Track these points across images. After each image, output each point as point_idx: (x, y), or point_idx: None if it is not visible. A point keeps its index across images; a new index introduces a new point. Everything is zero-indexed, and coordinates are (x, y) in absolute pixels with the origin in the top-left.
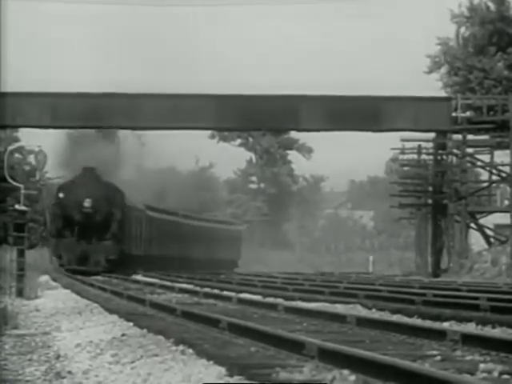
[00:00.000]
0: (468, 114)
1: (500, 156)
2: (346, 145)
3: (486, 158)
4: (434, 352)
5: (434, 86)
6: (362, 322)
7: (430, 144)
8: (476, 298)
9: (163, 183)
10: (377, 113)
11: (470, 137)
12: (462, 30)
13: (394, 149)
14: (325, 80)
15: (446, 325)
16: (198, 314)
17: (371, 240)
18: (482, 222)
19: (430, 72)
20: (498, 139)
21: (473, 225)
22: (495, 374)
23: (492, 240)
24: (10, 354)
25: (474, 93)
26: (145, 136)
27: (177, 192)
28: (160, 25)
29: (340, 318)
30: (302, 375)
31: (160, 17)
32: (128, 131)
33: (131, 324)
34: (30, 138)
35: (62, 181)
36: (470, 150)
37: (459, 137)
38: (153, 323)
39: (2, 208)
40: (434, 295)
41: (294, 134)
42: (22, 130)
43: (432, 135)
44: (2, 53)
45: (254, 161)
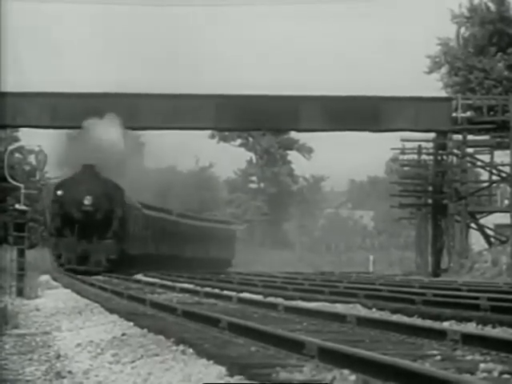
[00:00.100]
0: (468, 114)
1: (500, 156)
2: (346, 145)
3: (486, 158)
4: (434, 352)
5: (434, 86)
6: (362, 321)
7: (431, 144)
8: (476, 298)
9: (163, 183)
10: (377, 113)
11: (470, 137)
12: (463, 30)
13: (394, 149)
14: (325, 80)
15: (446, 324)
16: (198, 313)
17: (371, 240)
18: (482, 221)
19: (430, 72)
20: (498, 139)
21: (473, 225)
22: (495, 374)
23: (492, 240)
24: (11, 354)
25: (475, 93)
26: (145, 136)
27: (177, 192)
28: (160, 25)
29: (340, 318)
30: (302, 375)
31: (160, 17)
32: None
33: (132, 324)
34: (30, 137)
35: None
36: (470, 150)
37: (459, 137)
38: (153, 323)
39: (3, 208)
40: (434, 295)
41: (294, 134)
42: (22, 129)
43: (432, 135)
44: (2, 53)
45: (254, 161)
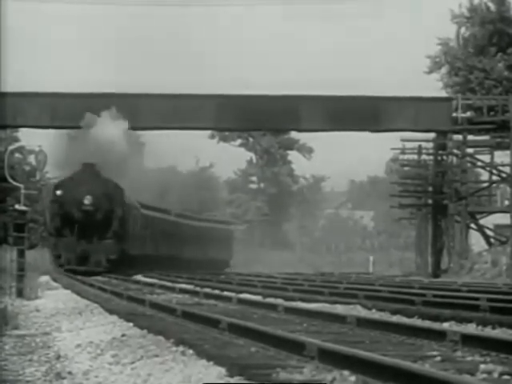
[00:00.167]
0: (468, 114)
1: (500, 156)
2: (346, 145)
3: (486, 158)
4: (434, 353)
5: (434, 86)
6: (362, 322)
7: (431, 144)
8: (476, 299)
9: (163, 183)
10: (377, 113)
11: (471, 137)
12: (463, 30)
13: (394, 149)
14: (325, 80)
15: (445, 325)
16: (198, 314)
17: (371, 240)
18: (482, 222)
19: (430, 72)
20: (498, 140)
21: (473, 225)
22: (495, 375)
23: (492, 240)
24: (11, 355)
25: (475, 93)
26: (145, 136)
27: (177, 192)
28: (160, 25)
29: (340, 319)
30: (302, 376)
31: (160, 17)
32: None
33: (131, 324)
34: (29, 137)
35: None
36: (470, 150)
37: (459, 137)
38: (153, 324)
39: (2, 208)
40: (434, 296)
41: (294, 134)
42: (21, 129)
43: (432, 135)
44: (2, 53)
45: (254, 161)
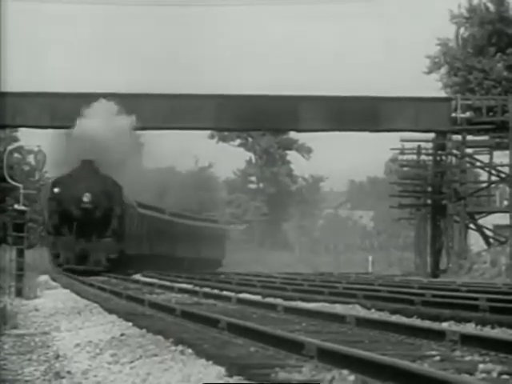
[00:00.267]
0: (468, 114)
1: (499, 157)
2: (345, 145)
3: (485, 158)
4: (433, 352)
5: (433, 86)
6: (362, 322)
7: (430, 144)
8: (475, 299)
9: (162, 183)
10: (376, 113)
11: (470, 137)
12: (462, 30)
13: (393, 149)
14: (325, 80)
15: (445, 325)
16: (197, 313)
17: (371, 240)
18: (481, 222)
19: (429, 72)
20: (498, 140)
21: (472, 225)
22: (494, 375)
23: (491, 240)
24: (10, 354)
25: (474, 93)
26: (144, 136)
27: (176, 192)
28: (160, 25)
29: (339, 318)
30: (302, 375)
31: (160, 17)
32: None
33: (130, 324)
34: (28, 137)
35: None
36: (469, 150)
37: (459, 137)
38: (152, 323)
39: (2, 208)
40: (433, 295)
41: (293, 134)
42: (21, 129)
43: (432, 136)
44: (2, 53)
45: (253, 161)
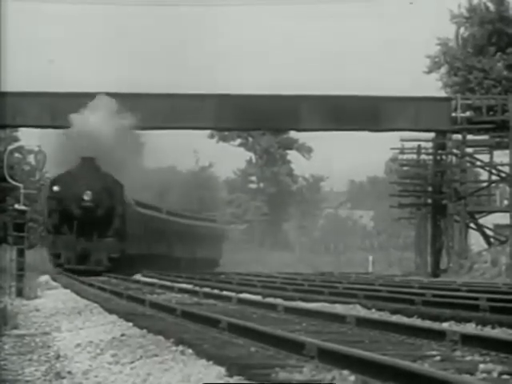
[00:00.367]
0: (468, 114)
1: (499, 156)
2: (345, 145)
3: (485, 157)
4: (434, 352)
5: (433, 86)
6: (362, 322)
7: (430, 144)
8: (476, 299)
9: (163, 183)
10: (377, 113)
11: (470, 137)
12: (462, 30)
13: (393, 149)
14: (325, 80)
15: (445, 325)
16: (197, 314)
17: (371, 240)
18: (481, 221)
19: (429, 72)
20: (498, 139)
21: (472, 225)
22: (495, 375)
23: (492, 240)
24: (10, 354)
25: (474, 93)
26: (145, 136)
27: (177, 191)
28: (160, 25)
29: (340, 318)
30: (302, 375)
31: (160, 17)
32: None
33: (131, 324)
34: (29, 137)
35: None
36: (469, 149)
37: (459, 137)
38: (152, 323)
39: (2, 208)
40: (434, 295)
41: (293, 133)
42: (21, 129)
43: (432, 135)
44: (2, 53)
45: (253, 161)
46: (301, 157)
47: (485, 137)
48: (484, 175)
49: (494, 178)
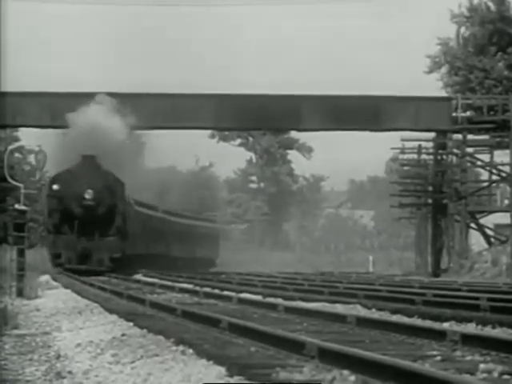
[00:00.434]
0: (468, 113)
1: (500, 156)
2: (346, 144)
3: (485, 157)
4: (434, 352)
5: (434, 85)
6: (362, 322)
7: (430, 144)
8: (476, 298)
9: (163, 182)
10: (377, 112)
11: (470, 136)
12: (462, 29)
13: (394, 148)
14: (325, 80)
15: (446, 325)
16: (198, 313)
17: (371, 240)
18: (482, 221)
19: (430, 72)
20: (498, 139)
21: (473, 225)
22: (495, 375)
23: (492, 240)
24: (11, 354)
25: (475, 93)
26: (145, 135)
27: (177, 191)
28: (160, 25)
29: (340, 318)
30: (302, 375)
31: (160, 17)
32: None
33: (131, 324)
34: (29, 137)
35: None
36: (470, 149)
37: (459, 136)
38: (153, 323)
39: (2, 207)
40: (434, 295)
41: (294, 133)
42: (21, 129)
43: (432, 135)
44: (1, 53)
45: (253, 160)
46: (301, 157)
47: (485, 137)
48: (484, 175)
49: (494, 177)
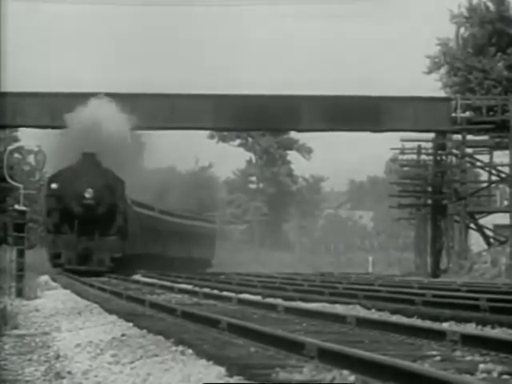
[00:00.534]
0: (468, 114)
1: (499, 156)
2: (345, 145)
3: (485, 158)
4: (434, 352)
5: (433, 86)
6: (362, 322)
7: (430, 144)
8: (476, 299)
9: (163, 183)
10: (377, 113)
11: (470, 137)
12: (462, 30)
13: (393, 149)
14: (325, 80)
15: (445, 325)
16: (197, 314)
17: (371, 240)
18: (481, 222)
19: (429, 72)
20: (498, 140)
21: (472, 225)
22: (495, 375)
23: (491, 240)
24: (10, 354)
25: (474, 93)
26: (145, 136)
27: (176, 192)
28: (160, 25)
29: (340, 319)
30: (302, 375)
31: (160, 17)
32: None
33: (131, 324)
34: (29, 137)
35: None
36: (469, 150)
37: (459, 137)
38: (152, 323)
39: (2, 208)
40: (434, 295)
41: (293, 134)
42: (21, 129)
43: (432, 135)
44: (1, 53)
45: (253, 161)
46: (301, 157)
47: (485, 137)
48: (484, 176)
49: (493, 178)
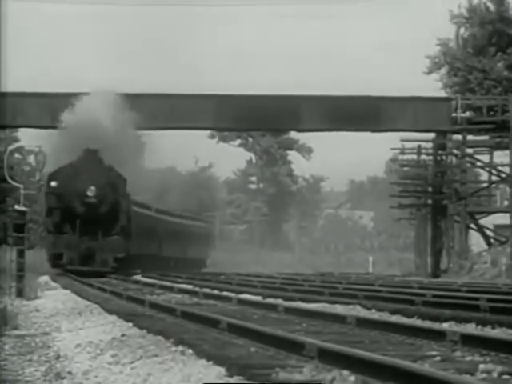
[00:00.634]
0: (468, 114)
1: (499, 156)
2: (345, 145)
3: (485, 158)
4: (434, 352)
5: (433, 86)
6: (362, 322)
7: (430, 144)
8: (476, 299)
9: (163, 183)
10: (377, 113)
11: (470, 137)
12: (462, 30)
13: (393, 149)
14: (325, 80)
15: (445, 325)
16: (197, 314)
17: (371, 240)
18: (481, 222)
19: (429, 72)
20: (498, 140)
21: (472, 225)
22: (495, 375)
23: (492, 240)
24: (10, 355)
25: (474, 93)
26: (145, 136)
27: (176, 192)
28: (160, 25)
29: (340, 319)
30: (302, 375)
31: (160, 17)
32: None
33: (131, 324)
34: (29, 137)
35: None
36: (469, 150)
37: (459, 137)
38: (152, 324)
39: (2, 208)
40: (434, 296)
41: (293, 134)
42: (21, 129)
43: (432, 135)
44: (2, 53)
45: (253, 161)
46: (301, 157)
47: (485, 137)
48: (484, 176)
49: (494, 178)
